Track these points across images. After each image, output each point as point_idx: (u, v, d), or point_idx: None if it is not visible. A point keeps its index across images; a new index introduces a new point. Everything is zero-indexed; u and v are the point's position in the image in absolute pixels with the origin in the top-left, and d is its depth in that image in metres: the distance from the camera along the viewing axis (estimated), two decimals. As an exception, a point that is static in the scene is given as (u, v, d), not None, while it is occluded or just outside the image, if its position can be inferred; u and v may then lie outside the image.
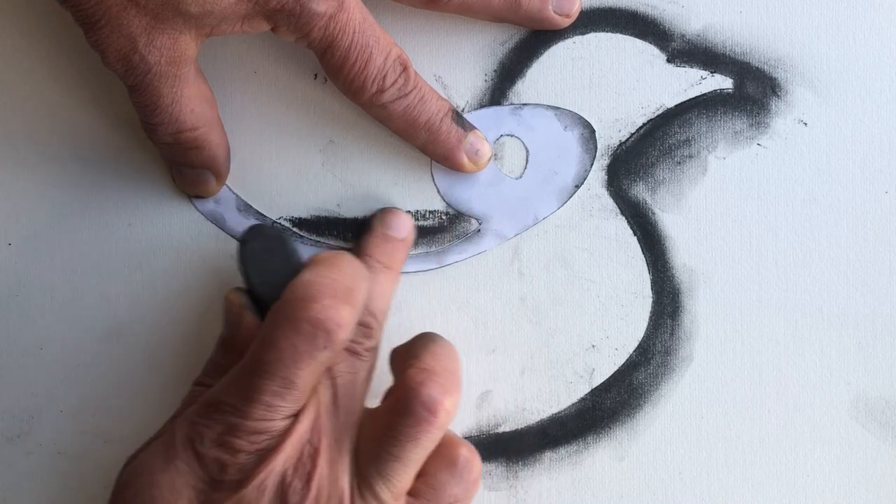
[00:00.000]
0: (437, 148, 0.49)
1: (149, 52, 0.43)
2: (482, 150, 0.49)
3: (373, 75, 0.46)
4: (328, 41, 0.45)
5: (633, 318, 0.50)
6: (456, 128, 0.48)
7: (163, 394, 0.50)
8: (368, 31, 0.46)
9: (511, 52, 0.50)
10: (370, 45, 0.46)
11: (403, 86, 0.47)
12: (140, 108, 0.46)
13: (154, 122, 0.46)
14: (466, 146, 0.49)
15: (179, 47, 0.44)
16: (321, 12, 0.44)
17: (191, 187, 0.49)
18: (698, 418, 0.50)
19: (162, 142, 0.47)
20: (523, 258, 0.50)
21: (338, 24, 0.45)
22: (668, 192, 0.50)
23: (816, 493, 0.50)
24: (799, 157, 0.50)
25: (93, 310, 0.50)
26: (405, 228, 0.49)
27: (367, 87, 0.47)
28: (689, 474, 0.50)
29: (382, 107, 0.47)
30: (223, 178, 0.49)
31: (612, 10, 0.50)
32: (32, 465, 0.50)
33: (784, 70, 0.50)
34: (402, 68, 0.47)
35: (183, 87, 0.45)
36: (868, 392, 0.50)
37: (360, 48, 0.46)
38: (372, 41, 0.46)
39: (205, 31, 0.44)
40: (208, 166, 0.48)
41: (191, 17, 0.43)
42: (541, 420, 0.50)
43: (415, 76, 0.47)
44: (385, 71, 0.46)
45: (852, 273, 0.50)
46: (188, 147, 0.47)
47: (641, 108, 0.50)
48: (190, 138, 0.47)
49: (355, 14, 0.45)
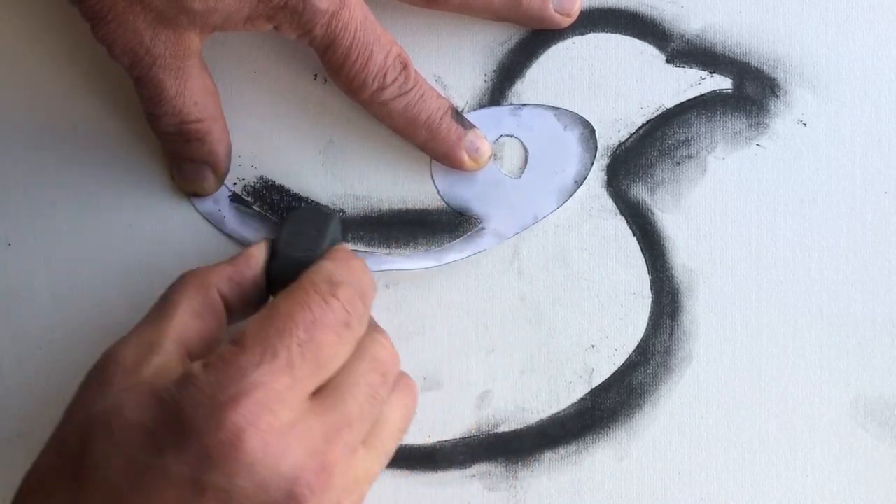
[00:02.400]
0: (437, 146, 0.49)
1: (154, 45, 0.44)
2: (482, 147, 0.49)
3: (374, 73, 0.47)
4: (330, 38, 0.45)
5: (633, 319, 0.50)
6: (456, 126, 0.48)
7: (162, 394, 0.50)
8: (370, 28, 0.46)
9: (511, 52, 0.50)
10: (371, 43, 0.46)
11: (404, 83, 0.47)
12: (145, 100, 0.46)
13: (158, 113, 0.46)
14: (466, 144, 0.49)
15: (184, 42, 0.45)
16: (324, 9, 0.44)
17: (190, 184, 0.49)
18: (698, 418, 0.50)
19: (165, 132, 0.47)
20: (523, 258, 0.50)
21: (340, 21, 0.45)
22: (668, 192, 0.50)
23: (816, 493, 0.50)
24: (798, 158, 0.50)
25: (93, 310, 0.50)
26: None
27: (368, 84, 0.47)
28: (688, 474, 0.50)
29: (383, 104, 0.47)
30: (222, 174, 0.49)
31: (612, 10, 0.50)
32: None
33: (783, 70, 0.50)
34: (403, 66, 0.47)
35: (187, 79, 0.46)
36: (868, 392, 0.50)
37: (361, 46, 0.46)
38: (373, 39, 0.46)
39: (209, 28, 0.45)
40: (208, 160, 0.48)
41: (195, 15, 0.44)
42: (540, 420, 0.50)
43: (415, 74, 0.48)
44: (386, 69, 0.47)
45: (852, 273, 0.50)
46: (190, 138, 0.47)
47: (641, 109, 0.50)
48: (193, 129, 0.47)
49: (357, 12, 0.45)
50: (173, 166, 0.49)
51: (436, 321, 0.50)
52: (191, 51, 0.45)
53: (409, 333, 0.50)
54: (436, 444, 0.50)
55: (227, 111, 0.49)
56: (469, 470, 0.50)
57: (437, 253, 0.50)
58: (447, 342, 0.50)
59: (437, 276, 0.50)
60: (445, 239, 0.50)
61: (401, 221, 0.50)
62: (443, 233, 0.50)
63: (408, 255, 0.50)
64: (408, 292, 0.50)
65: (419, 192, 0.50)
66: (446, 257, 0.50)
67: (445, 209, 0.50)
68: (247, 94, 0.50)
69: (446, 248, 0.50)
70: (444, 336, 0.50)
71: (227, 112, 0.49)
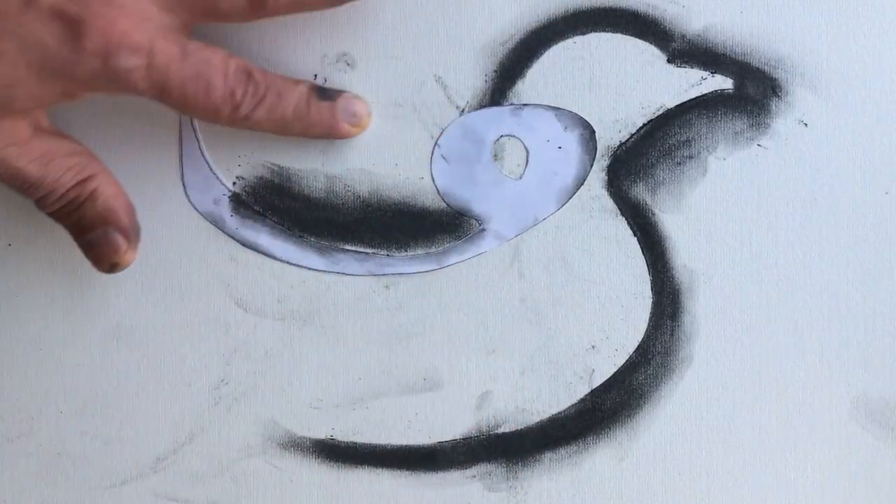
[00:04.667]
0: (315, 130, 0.48)
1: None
2: (358, 110, 0.48)
3: (220, 97, 0.45)
4: (159, 87, 0.44)
5: (633, 319, 0.50)
6: (325, 103, 0.47)
7: (162, 394, 0.50)
8: (193, 58, 0.44)
9: (511, 52, 0.50)
10: (202, 72, 0.44)
11: (255, 92, 0.46)
12: (22, 192, 0.46)
13: (38, 197, 0.46)
14: (341, 115, 0.48)
15: (18, 127, 0.45)
16: (132, 67, 0.43)
17: (102, 256, 0.47)
18: (698, 419, 0.50)
19: (55, 211, 0.47)
20: (523, 259, 0.50)
21: (157, 68, 0.44)
22: (669, 192, 0.50)
23: (816, 493, 0.50)
24: (799, 158, 0.50)
25: (93, 310, 0.50)
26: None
27: (222, 109, 0.45)
28: (689, 475, 0.50)
29: (246, 119, 0.46)
30: (129, 232, 0.48)
31: (613, 10, 0.50)
32: (32, 466, 0.50)
33: (784, 70, 0.50)
34: (247, 76, 0.45)
35: (44, 155, 0.46)
36: (868, 392, 0.50)
37: (192, 79, 0.44)
38: (202, 67, 0.44)
39: (26, 111, 0.45)
40: (109, 219, 0.47)
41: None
42: (541, 421, 0.50)
43: (262, 76, 0.46)
44: (230, 88, 0.45)
45: (852, 273, 0.50)
46: (79, 203, 0.47)
47: (641, 109, 0.50)
48: (75, 194, 0.47)
49: (171, 50, 0.44)
50: (81, 248, 0.48)
51: (436, 321, 0.50)
52: (28, 131, 0.45)
53: (409, 333, 0.50)
54: (436, 445, 0.50)
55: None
56: (469, 470, 0.50)
57: (438, 255, 0.50)
58: (447, 342, 0.50)
59: (437, 276, 0.50)
60: (445, 239, 0.50)
61: (401, 222, 0.50)
62: (443, 233, 0.50)
63: (408, 259, 0.50)
64: (408, 292, 0.50)
65: (419, 193, 0.50)
66: (447, 259, 0.50)
67: (445, 209, 0.50)
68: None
69: (447, 250, 0.50)
70: (444, 336, 0.50)
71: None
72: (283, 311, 0.50)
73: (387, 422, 0.50)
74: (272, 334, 0.50)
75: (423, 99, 0.50)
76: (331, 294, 0.50)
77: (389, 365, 0.50)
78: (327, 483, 0.50)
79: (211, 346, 0.50)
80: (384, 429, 0.50)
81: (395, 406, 0.50)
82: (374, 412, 0.50)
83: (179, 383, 0.50)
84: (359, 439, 0.50)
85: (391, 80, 0.50)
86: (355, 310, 0.50)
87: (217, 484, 0.51)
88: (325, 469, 0.50)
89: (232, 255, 0.50)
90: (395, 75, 0.50)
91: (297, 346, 0.50)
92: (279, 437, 0.51)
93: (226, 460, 0.51)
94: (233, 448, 0.51)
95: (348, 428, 0.50)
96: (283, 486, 0.50)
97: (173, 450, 0.51)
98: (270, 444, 0.51)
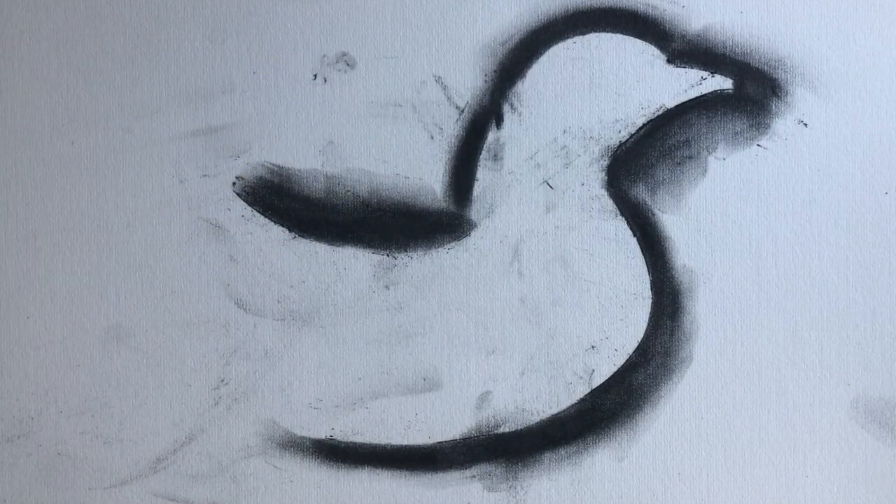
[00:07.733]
0: None
1: None
2: None
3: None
4: None
5: (633, 319, 0.50)
6: None
7: (162, 394, 0.50)
8: None
9: (511, 52, 0.50)
10: None
11: None
12: None
13: None
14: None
15: None
16: None
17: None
18: (698, 419, 0.50)
19: None
20: (523, 259, 0.50)
21: None
22: (668, 192, 0.50)
23: (816, 493, 0.50)
24: (799, 158, 0.50)
25: (93, 310, 0.50)
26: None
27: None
28: (688, 475, 0.50)
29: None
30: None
31: (613, 9, 0.50)
32: (32, 466, 0.50)
33: (784, 71, 0.50)
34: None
35: None
36: (868, 392, 0.50)
37: None
38: None
39: None
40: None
41: None
42: (540, 421, 0.50)
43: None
44: None
45: (852, 273, 0.50)
46: None
47: (641, 109, 0.50)
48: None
49: None
50: None
51: (436, 321, 0.50)
52: None
53: (409, 333, 0.50)
54: (436, 445, 0.50)
55: (227, 110, 0.49)
56: (469, 470, 0.50)
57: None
58: (447, 342, 0.50)
59: (437, 276, 0.50)
60: (445, 239, 0.50)
61: (401, 222, 0.50)
62: (443, 233, 0.50)
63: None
64: (408, 292, 0.50)
65: (419, 192, 0.50)
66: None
67: (445, 209, 0.50)
68: (247, 94, 0.50)
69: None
70: (444, 336, 0.50)
71: (227, 112, 0.49)
72: (283, 311, 0.50)
73: (387, 422, 0.50)
74: (272, 334, 0.50)
75: (423, 99, 0.50)
76: (331, 294, 0.50)
77: (389, 365, 0.50)
78: (327, 483, 0.50)
79: (211, 346, 0.50)
80: (384, 429, 0.50)
81: (395, 406, 0.50)
82: (374, 412, 0.50)
83: (179, 383, 0.50)
84: (359, 439, 0.50)
85: (391, 80, 0.50)
86: (355, 310, 0.50)
87: (217, 484, 0.51)
88: (325, 469, 0.50)
89: (232, 255, 0.50)
90: (395, 75, 0.50)
91: (297, 346, 0.50)
92: (279, 437, 0.51)
93: (226, 460, 0.51)
94: (233, 448, 0.51)
95: (348, 428, 0.50)
96: (283, 486, 0.50)
97: (173, 450, 0.51)
98: (270, 444, 0.51)
